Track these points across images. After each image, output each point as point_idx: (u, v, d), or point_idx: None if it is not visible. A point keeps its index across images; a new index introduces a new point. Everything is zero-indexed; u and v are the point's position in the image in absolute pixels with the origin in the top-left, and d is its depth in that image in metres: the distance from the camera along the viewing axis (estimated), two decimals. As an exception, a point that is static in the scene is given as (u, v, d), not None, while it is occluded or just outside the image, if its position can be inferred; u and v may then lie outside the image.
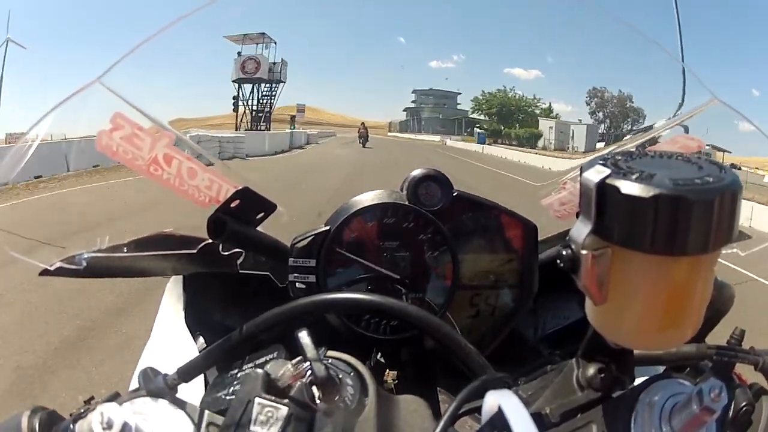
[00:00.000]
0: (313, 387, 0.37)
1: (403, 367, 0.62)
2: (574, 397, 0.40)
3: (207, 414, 0.39)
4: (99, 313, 3.12)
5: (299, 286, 0.62)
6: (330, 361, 0.42)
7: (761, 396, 0.44)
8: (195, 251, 0.66)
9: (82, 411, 0.37)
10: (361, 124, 27.90)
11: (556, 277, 0.63)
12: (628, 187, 0.28)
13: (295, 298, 0.47)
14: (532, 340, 0.78)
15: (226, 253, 0.67)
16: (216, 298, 0.79)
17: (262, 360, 0.45)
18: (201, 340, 0.73)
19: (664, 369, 0.50)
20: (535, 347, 0.76)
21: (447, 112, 53.95)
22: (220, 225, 0.56)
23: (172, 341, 0.73)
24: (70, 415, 0.38)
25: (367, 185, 0.67)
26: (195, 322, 0.75)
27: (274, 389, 0.37)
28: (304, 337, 0.39)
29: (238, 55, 32.38)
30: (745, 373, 0.48)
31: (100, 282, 3.15)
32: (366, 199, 0.64)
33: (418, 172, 0.64)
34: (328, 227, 0.63)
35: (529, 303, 0.68)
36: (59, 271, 0.57)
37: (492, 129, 45.99)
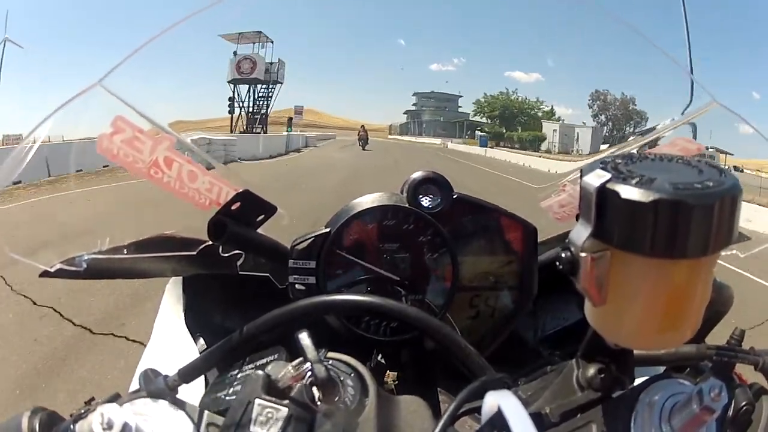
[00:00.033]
0: (314, 388, 0.38)
1: (403, 368, 0.62)
2: (573, 397, 0.40)
3: (207, 414, 0.39)
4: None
5: (299, 287, 0.62)
6: (330, 362, 0.42)
7: (761, 396, 0.44)
8: (195, 253, 0.66)
9: (83, 412, 0.37)
10: (361, 126, 27.89)
11: (556, 279, 0.63)
12: (629, 191, 0.28)
13: (295, 299, 0.47)
14: (532, 342, 0.78)
15: (226, 254, 0.67)
16: (216, 299, 0.79)
17: (263, 361, 0.45)
18: (201, 341, 0.73)
19: (664, 369, 0.50)
20: (534, 348, 0.76)
21: (448, 115, 53.58)
22: (220, 227, 0.56)
23: (172, 342, 0.73)
24: (71, 415, 0.38)
25: (365, 191, 0.66)
26: (195, 324, 0.75)
27: (274, 390, 0.37)
28: (304, 338, 0.39)
29: (234, 55, 31.36)
30: (745, 373, 0.48)
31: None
32: (366, 201, 0.64)
33: (418, 175, 0.64)
34: (329, 229, 0.63)
35: (529, 304, 0.68)
36: (59, 273, 0.57)
37: (494, 132, 45.49)
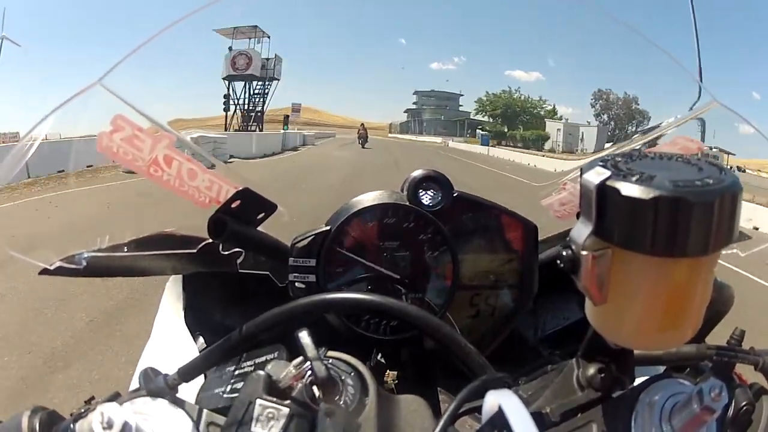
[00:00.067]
0: (314, 387, 0.38)
1: (403, 367, 0.62)
2: (574, 396, 0.40)
3: (207, 413, 0.39)
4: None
5: (299, 285, 0.62)
6: (330, 361, 0.42)
7: (761, 396, 0.44)
8: (195, 251, 0.66)
9: (83, 411, 0.37)
10: (361, 125, 27.86)
11: (556, 278, 0.63)
12: (629, 188, 0.28)
13: (295, 297, 0.47)
14: (532, 341, 0.78)
15: (226, 252, 0.67)
16: (216, 297, 0.79)
17: (262, 359, 0.45)
18: (201, 340, 0.73)
19: (664, 369, 0.50)
20: (535, 347, 0.76)
21: (449, 114, 53.26)
22: (220, 225, 0.56)
23: (172, 341, 0.73)
24: (71, 414, 0.38)
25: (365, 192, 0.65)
26: (195, 322, 0.75)
27: (275, 390, 0.37)
28: (304, 337, 0.39)
29: (229, 51, 29.99)
30: (745, 373, 0.48)
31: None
32: (366, 199, 0.64)
33: (418, 173, 0.64)
34: (329, 227, 0.63)
35: (529, 303, 0.68)
36: (59, 271, 0.57)
37: (496, 131, 44.97)
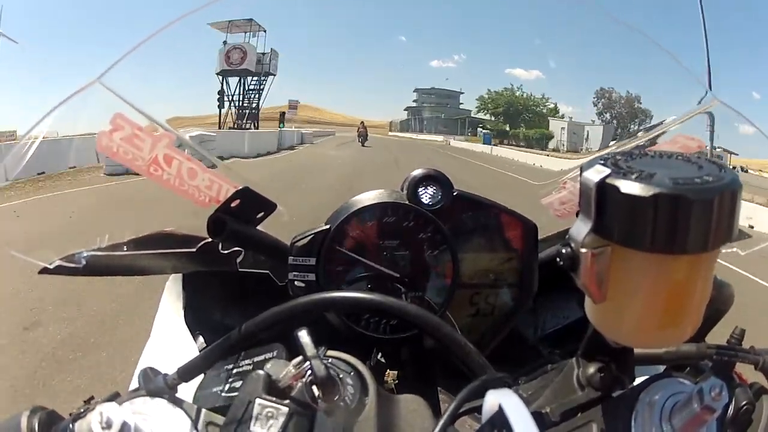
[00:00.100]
0: (314, 387, 0.37)
1: (403, 367, 0.62)
2: (574, 396, 0.40)
3: (206, 413, 0.39)
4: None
5: (299, 284, 0.62)
6: (330, 360, 0.42)
7: (761, 395, 0.44)
8: (194, 250, 0.66)
9: (82, 411, 0.37)
10: (360, 123, 27.84)
11: (556, 277, 0.63)
12: (628, 186, 0.28)
13: (295, 296, 0.47)
14: (532, 340, 0.78)
15: (226, 251, 0.67)
16: (216, 297, 0.79)
17: (261, 358, 0.45)
18: (201, 339, 0.73)
19: (664, 368, 0.50)
20: (534, 346, 0.76)
21: (449, 112, 52.71)
22: (220, 224, 0.56)
23: (171, 340, 0.73)
24: (70, 414, 0.38)
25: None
26: (195, 321, 0.75)
27: (274, 390, 0.37)
28: (303, 336, 0.39)
29: (224, 45, 28.55)
30: (745, 373, 0.48)
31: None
32: (366, 198, 0.64)
33: (418, 172, 0.64)
34: (329, 226, 0.63)
35: (529, 302, 0.68)
36: (59, 270, 0.57)
37: (498, 129, 44.15)
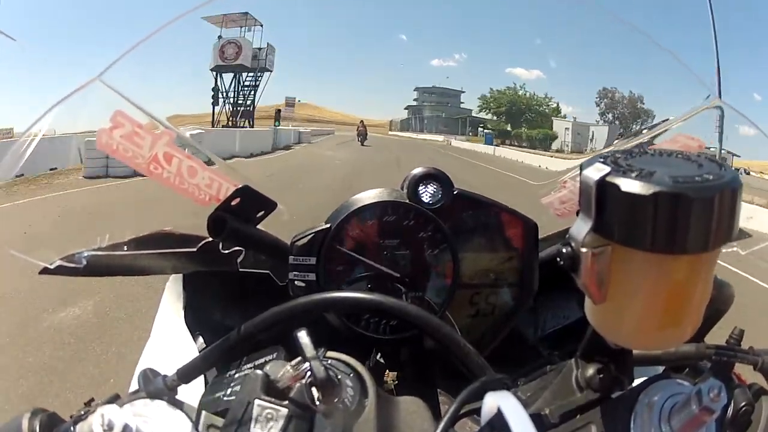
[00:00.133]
0: (313, 388, 0.37)
1: (402, 368, 0.62)
2: (573, 397, 0.40)
3: (206, 415, 0.39)
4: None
5: (299, 284, 0.62)
6: (329, 361, 0.42)
7: (761, 396, 0.44)
8: (195, 249, 0.66)
9: (83, 413, 0.37)
10: (360, 122, 27.83)
11: (556, 276, 0.63)
12: (628, 184, 0.28)
13: (295, 296, 0.47)
14: (532, 340, 0.78)
15: (226, 251, 0.67)
16: (216, 297, 0.79)
17: (261, 361, 0.45)
18: (201, 339, 0.73)
19: (663, 369, 0.50)
20: (534, 347, 0.76)
21: (450, 111, 52.07)
22: (220, 223, 0.56)
23: (171, 341, 0.73)
24: (71, 417, 0.38)
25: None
26: (195, 322, 0.75)
27: (273, 391, 0.37)
28: (303, 336, 0.39)
29: (218, 40, 27.84)
30: (744, 373, 0.48)
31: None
32: (366, 197, 0.64)
33: (418, 171, 0.64)
34: (329, 225, 0.63)
35: (529, 302, 0.68)
36: (59, 270, 0.57)
37: (500, 129, 43.44)
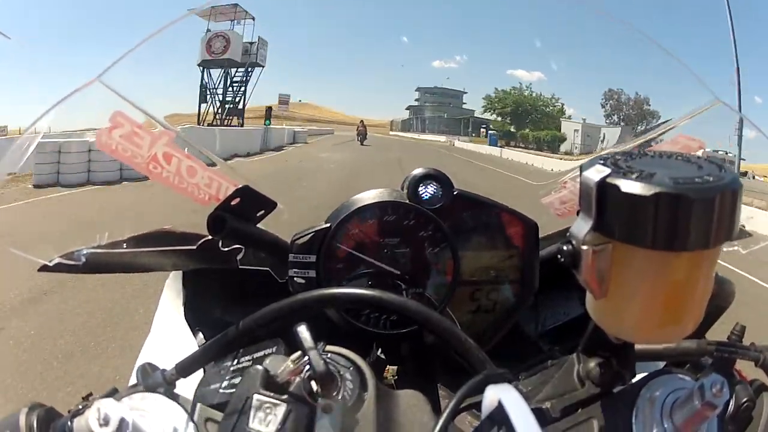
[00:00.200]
0: (312, 382, 0.37)
1: (402, 362, 0.62)
2: (574, 392, 0.40)
3: (204, 409, 0.39)
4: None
5: (299, 281, 0.62)
6: (329, 355, 0.42)
7: (762, 392, 0.44)
8: (195, 247, 0.66)
9: (80, 407, 0.37)
10: (360, 122, 27.81)
11: (557, 274, 0.63)
12: (629, 185, 0.28)
13: (295, 293, 0.47)
14: (533, 336, 0.78)
15: (226, 249, 0.67)
16: (216, 294, 0.79)
17: (260, 354, 0.45)
18: (200, 336, 0.73)
19: (664, 364, 0.50)
20: (535, 342, 0.76)
21: (452, 111, 51.01)
22: (219, 222, 0.56)
23: (171, 337, 0.73)
24: (68, 411, 0.38)
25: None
26: (195, 318, 0.75)
27: (273, 385, 0.37)
28: (303, 331, 0.39)
29: (207, 33, 25.20)
30: (745, 370, 0.48)
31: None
32: (367, 197, 0.64)
33: (418, 171, 0.64)
34: (329, 224, 0.63)
35: (530, 298, 0.68)
36: (58, 267, 0.57)
37: (504, 130, 42.05)
